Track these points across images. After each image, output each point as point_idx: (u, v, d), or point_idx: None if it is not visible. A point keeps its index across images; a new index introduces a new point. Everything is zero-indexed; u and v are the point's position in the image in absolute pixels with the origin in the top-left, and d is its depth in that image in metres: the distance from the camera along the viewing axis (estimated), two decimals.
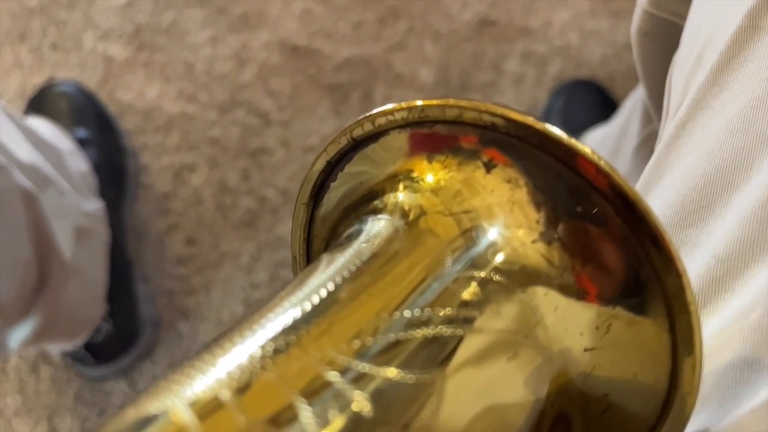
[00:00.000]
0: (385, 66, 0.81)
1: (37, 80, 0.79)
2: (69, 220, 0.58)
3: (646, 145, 0.44)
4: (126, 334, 0.68)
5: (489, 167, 0.18)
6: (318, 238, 0.23)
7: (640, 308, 0.17)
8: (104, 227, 0.65)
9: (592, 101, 0.72)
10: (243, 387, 0.13)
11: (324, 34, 0.82)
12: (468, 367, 0.15)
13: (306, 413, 0.12)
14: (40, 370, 0.71)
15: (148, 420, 0.12)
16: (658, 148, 0.25)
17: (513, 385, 0.16)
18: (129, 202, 0.75)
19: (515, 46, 0.79)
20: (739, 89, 0.22)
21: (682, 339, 0.17)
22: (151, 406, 0.12)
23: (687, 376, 0.17)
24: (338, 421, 0.13)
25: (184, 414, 0.12)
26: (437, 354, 0.15)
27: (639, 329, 0.17)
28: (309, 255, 0.23)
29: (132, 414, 0.12)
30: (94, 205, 0.63)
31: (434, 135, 0.19)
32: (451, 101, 0.18)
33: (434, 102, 0.18)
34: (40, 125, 0.64)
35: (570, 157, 0.17)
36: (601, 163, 0.17)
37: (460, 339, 0.16)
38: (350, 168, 0.20)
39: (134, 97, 0.81)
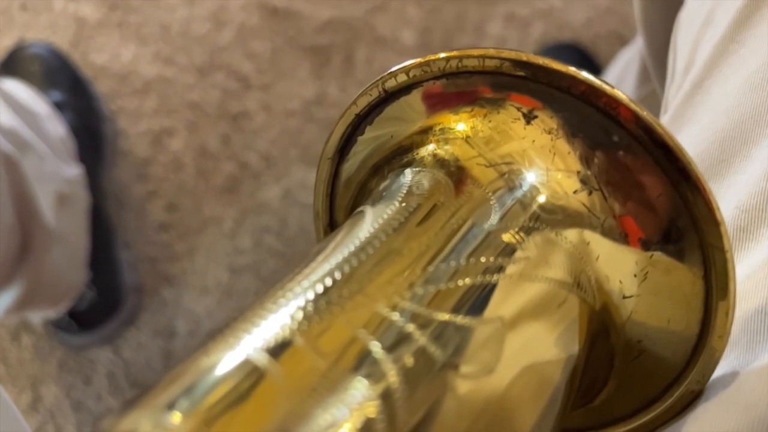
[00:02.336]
0: (366, 28, 0.80)
1: (7, 42, 0.76)
2: (50, 185, 0.57)
3: (643, 104, 0.45)
4: (109, 301, 0.68)
5: (529, 118, 0.18)
6: (341, 196, 0.22)
7: (677, 256, 0.17)
8: (85, 193, 0.63)
9: (575, 64, 0.72)
10: (314, 331, 0.13)
11: None
12: (521, 312, 0.15)
13: (380, 354, 0.13)
14: (22, 338, 0.70)
15: (225, 367, 0.12)
16: (672, 106, 0.26)
17: (559, 332, 0.16)
18: (107, 168, 0.74)
19: (498, 8, 0.78)
20: (757, 46, 0.23)
21: (716, 286, 0.17)
22: (224, 354, 0.12)
23: (720, 320, 0.17)
24: (409, 359, 0.13)
25: (262, 359, 0.12)
26: (491, 301, 0.15)
27: (675, 277, 0.18)
28: (332, 211, 0.23)
29: (206, 362, 0.12)
30: (74, 171, 0.62)
31: (469, 85, 0.19)
32: (492, 51, 0.18)
33: (474, 52, 0.18)
34: (16, 88, 0.62)
35: (612, 108, 0.17)
36: (644, 113, 0.17)
37: (508, 286, 0.16)
38: (379, 121, 0.20)
39: (108, 59, 0.79)
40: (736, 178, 0.21)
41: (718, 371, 0.19)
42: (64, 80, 0.71)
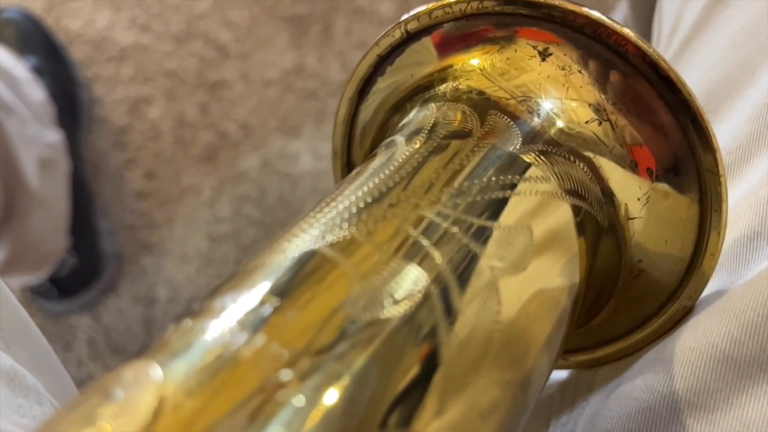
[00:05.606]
0: None
1: None
2: (33, 149, 0.56)
3: None
4: (90, 268, 0.68)
5: (544, 56, 0.19)
6: (358, 140, 0.24)
7: (676, 183, 0.19)
8: (65, 158, 0.63)
9: None
10: (370, 231, 0.14)
11: None
12: (543, 224, 0.17)
13: (429, 247, 0.14)
14: None
15: (296, 259, 0.13)
16: None
17: (567, 259, 0.18)
18: (84, 135, 0.73)
19: None
20: (741, 8, 0.25)
21: (710, 208, 0.19)
22: (292, 250, 0.14)
23: (713, 240, 0.19)
24: (455, 252, 0.14)
25: (330, 252, 0.13)
26: (518, 212, 0.17)
27: (673, 201, 0.19)
28: (350, 152, 0.24)
29: (279, 258, 0.14)
30: (55, 136, 0.62)
31: (484, 25, 0.20)
32: None
33: None
34: None
35: (621, 45, 0.19)
36: (650, 50, 0.18)
37: (531, 201, 0.17)
38: (400, 63, 0.22)
39: (83, 25, 0.78)
40: (722, 126, 0.24)
41: (706, 291, 0.21)
42: (39, 45, 0.71)
